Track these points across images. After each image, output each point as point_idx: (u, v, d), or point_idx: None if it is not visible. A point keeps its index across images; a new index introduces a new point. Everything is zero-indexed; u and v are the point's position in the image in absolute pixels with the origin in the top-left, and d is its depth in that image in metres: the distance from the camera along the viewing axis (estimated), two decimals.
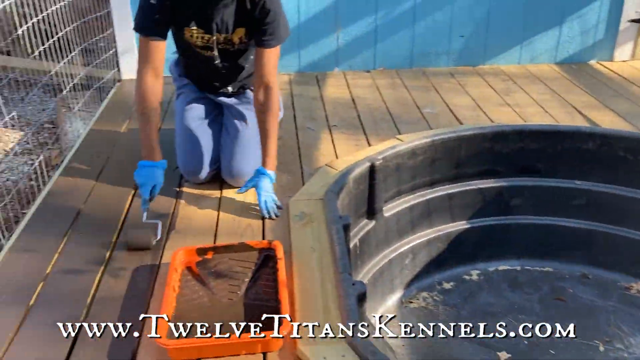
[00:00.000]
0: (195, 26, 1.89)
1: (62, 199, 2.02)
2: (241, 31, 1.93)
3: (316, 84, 3.18)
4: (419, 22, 3.26)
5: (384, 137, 2.49)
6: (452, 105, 2.85)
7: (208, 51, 1.97)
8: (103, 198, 2.03)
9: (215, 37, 1.92)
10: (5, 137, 3.24)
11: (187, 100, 2.14)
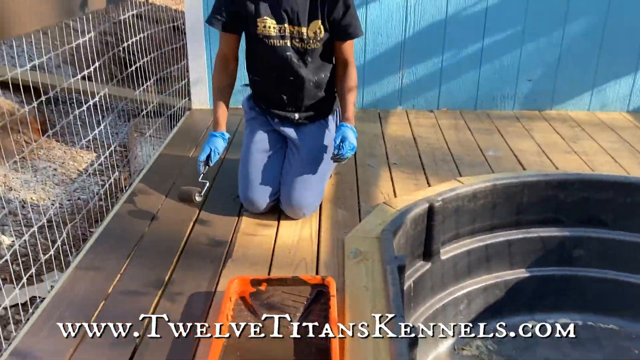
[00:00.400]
0: (267, 16, 1.99)
1: (128, 221, 2.11)
2: (316, 25, 2.01)
3: (378, 121, 3.21)
4: (486, 65, 3.25)
5: (444, 178, 2.47)
6: (516, 149, 2.80)
7: (281, 40, 2.03)
8: (166, 223, 2.10)
9: (287, 26, 2.01)
10: (79, 157, 3.42)
11: (253, 132, 2.20)
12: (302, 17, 2.00)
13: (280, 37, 2.03)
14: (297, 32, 2.02)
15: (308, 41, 2.03)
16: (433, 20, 3.16)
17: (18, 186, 2.94)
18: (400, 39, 3.21)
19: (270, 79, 2.14)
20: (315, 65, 2.10)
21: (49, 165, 3.23)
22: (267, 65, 2.11)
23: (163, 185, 2.39)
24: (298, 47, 2.05)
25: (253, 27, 2.03)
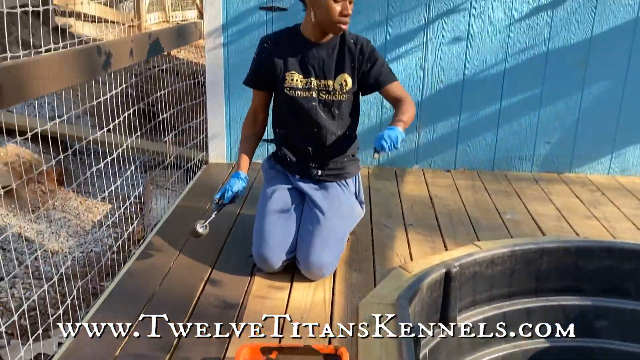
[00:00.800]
0: (294, 70, 2.10)
1: (140, 278, 2.08)
2: (342, 77, 2.10)
3: (394, 180, 3.19)
4: (503, 126, 3.24)
5: (462, 241, 2.43)
6: (535, 213, 2.76)
7: (307, 92, 2.11)
8: (178, 281, 2.07)
9: (314, 79, 2.10)
10: (95, 208, 3.43)
11: (271, 190, 2.20)
12: (328, 70, 2.09)
13: (307, 89, 2.11)
14: (323, 85, 2.11)
15: (334, 93, 2.11)
16: (450, 81, 3.18)
17: (32, 237, 2.94)
18: (417, 99, 3.22)
19: (295, 131, 2.19)
20: (342, 119, 2.16)
21: (64, 216, 3.24)
22: (293, 117, 2.17)
23: (177, 241, 2.37)
24: (325, 99, 2.12)
25: (281, 81, 2.12)
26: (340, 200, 2.17)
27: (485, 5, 3.05)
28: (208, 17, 3.12)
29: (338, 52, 2.10)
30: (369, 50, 2.11)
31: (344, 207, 2.17)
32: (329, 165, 2.20)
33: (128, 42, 2.05)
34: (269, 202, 2.17)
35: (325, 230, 2.07)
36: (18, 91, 1.38)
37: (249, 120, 2.28)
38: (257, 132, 2.28)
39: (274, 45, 2.13)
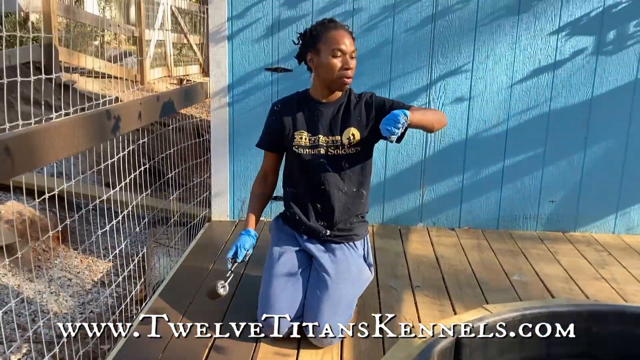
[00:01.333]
0: (303, 129, 2.14)
1: (141, 345, 2.02)
2: (349, 131, 2.12)
3: (399, 238, 3.16)
4: (507, 184, 3.24)
5: (470, 304, 2.38)
6: (543, 274, 2.72)
7: (315, 149, 2.13)
8: (181, 348, 2.01)
9: (322, 136, 2.13)
10: (95, 267, 3.38)
11: (278, 252, 2.17)
12: (335, 126, 2.13)
13: (315, 147, 2.14)
14: (332, 141, 2.13)
15: (343, 147, 2.13)
16: (454, 140, 3.20)
17: (31, 296, 2.89)
18: (420, 158, 3.24)
19: (304, 189, 2.20)
20: (352, 174, 2.16)
21: (64, 275, 3.19)
22: (302, 174, 2.18)
23: (180, 303, 2.33)
24: (334, 154, 2.14)
25: (290, 140, 2.15)
26: (348, 264, 2.14)
27: (486, 66, 3.10)
28: (214, 77, 3.16)
29: (344, 109, 2.15)
30: (373, 98, 2.15)
31: (352, 271, 2.13)
32: (338, 225, 2.18)
33: (136, 105, 2.07)
34: (275, 264, 2.14)
35: (334, 296, 2.03)
36: (29, 159, 1.38)
37: (259, 180, 2.31)
38: (266, 192, 2.30)
39: (283, 108, 2.19)
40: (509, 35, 3.06)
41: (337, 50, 2.01)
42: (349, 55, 2.03)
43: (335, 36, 2.03)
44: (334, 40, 2.02)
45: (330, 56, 2.02)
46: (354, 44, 2.08)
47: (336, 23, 2.09)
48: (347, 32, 2.06)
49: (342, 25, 2.10)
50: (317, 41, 2.06)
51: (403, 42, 3.09)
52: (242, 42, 3.13)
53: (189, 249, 2.96)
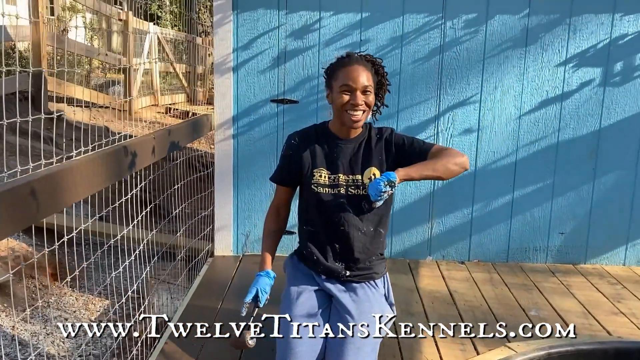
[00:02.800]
0: (322, 167, 2.05)
1: None
2: (370, 171, 2.03)
3: (409, 272, 3.09)
4: (516, 217, 3.20)
5: (491, 342, 2.31)
6: (559, 309, 2.66)
7: (335, 188, 2.04)
8: None
9: (342, 175, 2.04)
10: (91, 305, 3.24)
11: (296, 291, 2.05)
12: (356, 165, 2.05)
13: (334, 186, 2.05)
14: (352, 180, 2.05)
15: (364, 187, 2.04)
16: (462, 172, 3.15)
17: (26, 339, 2.74)
18: (429, 190, 3.19)
19: (322, 228, 2.09)
20: (371, 215, 2.06)
21: (60, 314, 3.04)
22: (320, 214, 2.08)
23: (191, 347, 2.21)
24: (354, 194, 2.04)
25: (309, 178, 2.07)
26: (371, 304, 2.04)
27: (495, 98, 3.09)
28: (219, 109, 3.09)
29: (365, 147, 2.06)
30: (392, 136, 2.08)
31: (375, 311, 2.04)
32: (358, 265, 2.09)
33: (150, 140, 1.98)
34: (294, 306, 2.03)
35: (357, 339, 1.93)
36: (53, 201, 1.28)
37: (272, 216, 2.19)
38: (281, 227, 2.20)
39: (302, 141, 2.10)
40: (517, 66, 3.05)
41: (344, 86, 1.95)
42: (359, 90, 1.95)
43: (345, 72, 1.97)
44: (343, 76, 1.97)
45: (339, 92, 1.97)
46: (374, 78, 2.01)
47: (351, 58, 2.01)
48: (361, 66, 1.98)
49: (359, 58, 2.01)
50: (330, 78, 2.03)
51: (411, 73, 3.07)
52: (247, 73, 3.07)
53: (194, 286, 2.85)
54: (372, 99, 1.99)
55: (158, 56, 8.79)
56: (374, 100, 2.01)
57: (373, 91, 2.00)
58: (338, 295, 2.05)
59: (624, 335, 2.41)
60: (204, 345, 2.24)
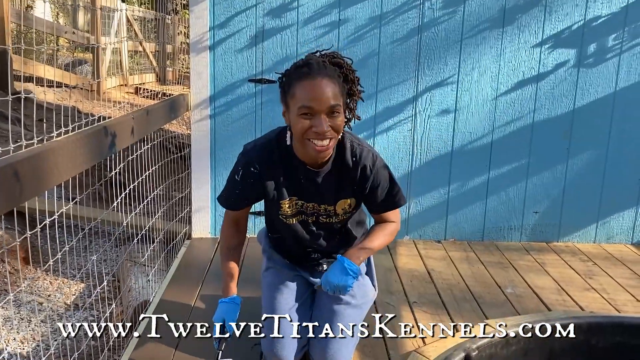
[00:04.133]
0: (290, 197, 1.82)
1: None
2: (345, 202, 1.83)
3: (387, 252, 3.11)
4: (492, 196, 3.25)
5: (469, 319, 2.35)
6: (535, 286, 2.73)
7: (303, 216, 1.85)
8: None
9: (311, 204, 1.83)
10: (66, 288, 3.19)
11: (276, 280, 2.00)
12: (328, 197, 1.82)
13: (303, 213, 1.86)
14: (324, 209, 1.84)
15: (337, 216, 1.86)
16: (439, 152, 3.18)
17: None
18: (407, 170, 3.21)
19: (292, 242, 1.97)
20: (348, 230, 1.97)
21: (34, 299, 2.99)
22: (289, 234, 1.95)
23: (172, 331, 2.19)
24: (326, 222, 1.88)
25: (275, 206, 1.86)
26: (354, 288, 2.03)
27: (472, 78, 3.11)
28: (195, 89, 3.04)
29: (336, 176, 1.77)
30: (374, 174, 1.78)
31: (357, 294, 2.02)
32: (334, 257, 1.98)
33: (129, 120, 1.94)
34: (277, 293, 1.97)
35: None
36: (37, 183, 1.25)
37: (229, 230, 1.93)
38: (241, 241, 1.97)
39: (263, 169, 1.78)
40: (494, 47, 3.07)
41: (304, 107, 1.55)
42: (324, 113, 1.55)
43: (304, 89, 1.55)
44: (302, 95, 1.55)
45: (297, 116, 1.57)
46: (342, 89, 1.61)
47: (311, 68, 1.57)
48: (325, 80, 1.55)
49: (321, 67, 1.58)
50: (286, 93, 1.63)
51: (389, 54, 3.06)
52: (224, 52, 3.02)
53: (172, 269, 2.82)
54: (342, 119, 1.61)
55: (127, 34, 8.59)
56: (343, 120, 1.63)
57: (342, 108, 1.61)
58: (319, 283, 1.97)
59: (596, 310, 2.49)
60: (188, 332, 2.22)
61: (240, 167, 1.79)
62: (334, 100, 1.55)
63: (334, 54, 1.67)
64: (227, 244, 1.93)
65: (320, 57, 1.64)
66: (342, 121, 1.62)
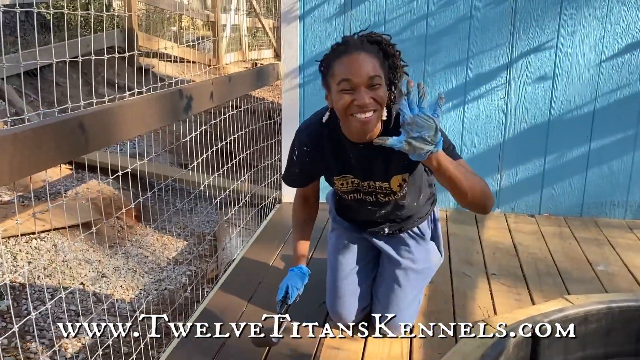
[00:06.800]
0: (344, 174, 1.81)
1: (212, 321, 2.03)
2: (398, 179, 1.77)
3: (474, 224, 3.04)
4: (593, 169, 3.04)
5: (550, 294, 2.26)
6: (632, 265, 2.54)
7: (361, 194, 1.85)
8: (249, 329, 2.01)
9: (367, 182, 1.80)
10: (170, 245, 3.47)
11: (340, 241, 2.05)
12: (380, 174, 1.77)
13: (360, 191, 1.84)
14: (379, 187, 1.81)
15: (395, 193, 1.81)
16: (535, 122, 3.03)
17: (110, 273, 3.00)
18: (499, 140, 3.09)
19: (357, 214, 1.99)
20: (412, 201, 1.91)
21: (141, 252, 3.29)
22: (347, 203, 1.96)
23: (250, 282, 2.34)
24: (384, 200, 1.85)
25: (332, 184, 1.89)
26: (416, 253, 2.00)
27: (573, 43, 2.90)
28: (285, 59, 3.14)
29: (386, 151, 1.60)
30: None
31: (421, 260, 2.02)
32: (397, 223, 1.99)
33: (208, 85, 2.07)
34: (340, 255, 2.03)
35: (403, 286, 1.95)
36: (103, 136, 1.40)
37: (299, 205, 2.00)
38: (311, 216, 2.01)
39: (313, 149, 1.80)
40: (599, 8, 2.84)
41: (343, 82, 1.52)
42: (364, 85, 1.52)
43: (342, 65, 1.53)
44: (340, 70, 1.53)
45: (338, 92, 1.54)
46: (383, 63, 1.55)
47: (347, 45, 1.56)
48: (362, 54, 1.53)
49: (358, 44, 1.55)
50: (326, 75, 1.61)
51: (482, 18, 2.94)
52: (313, 21, 3.08)
53: (259, 229, 2.98)
54: (384, 91, 1.57)
55: (246, 11, 8.94)
56: (386, 92, 1.58)
57: (384, 81, 1.56)
58: (382, 246, 2.02)
59: None
60: (259, 284, 2.35)
61: (295, 147, 1.84)
62: (373, 72, 1.52)
63: (371, 33, 1.62)
64: (297, 218, 2.01)
65: (358, 38, 1.61)
66: (385, 93, 1.57)
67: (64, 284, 2.76)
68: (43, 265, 2.83)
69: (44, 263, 2.84)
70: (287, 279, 1.86)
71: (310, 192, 1.98)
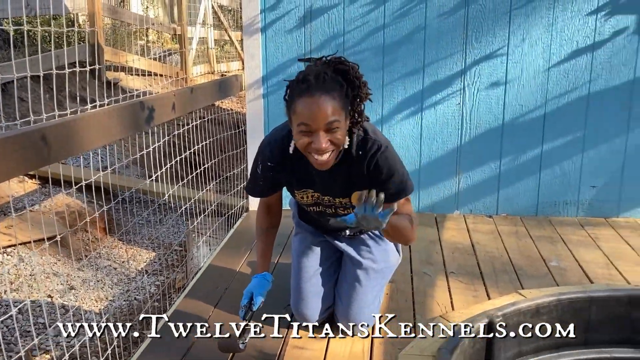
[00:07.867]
0: (305, 188, 1.89)
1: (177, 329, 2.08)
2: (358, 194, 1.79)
3: (435, 226, 3.15)
4: (546, 170, 3.18)
5: (505, 290, 2.36)
6: (582, 260, 2.67)
7: (321, 207, 1.94)
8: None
9: (327, 197, 1.88)
10: (139, 256, 3.50)
11: (303, 245, 2.14)
12: (341, 193, 1.84)
13: (320, 204, 1.93)
14: (339, 202, 1.89)
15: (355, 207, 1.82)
16: (490, 126, 3.16)
17: (78, 285, 3.02)
18: (456, 145, 3.21)
19: (313, 218, 2.08)
20: None
21: (110, 264, 3.31)
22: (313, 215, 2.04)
23: (216, 289, 2.39)
24: (344, 214, 1.89)
25: (293, 194, 1.97)
26: (375, 252, 2.10)
27: (522, 50, 3.05)
28: (248, 70, 3.22)
29: (346, 170, 1.76)
30: (385, 169, 1.75)
31: (381, 259, 2.11)
32: None
33: (170, 96, 2.13)
34: (303, 257, 2.12)
35: (364, 285, 2.04)
36: (65, 147, 1.45)
37: (262, 213, 2.05)
38: (273, 224, 2.06)
39: (277, 164, 1.85)
40: (545, 17, 2.99)
41: (302, 125, 1.57)
42: (322, 130, 1.55)
43: (302, 107, 1.55)
44: (300, 111, 1.56)
45: (297, 132, 1.60)
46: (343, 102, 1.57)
47: (309, 84, 1.55)
48: (322, 96, 1.54)
49: (319, 83, 1.54)
50: (289, 108, 1.62)
51: (436, 28, 3.07)
52: (275, 33, 3.17)
53: (226, 237, 3.03)
54: (342, 133, 1.61)
55: (213, 24, 8.99)
56: (344, 134, 1.63)
57: (343, 121, 1.60)
58: (344, 248, 2.10)
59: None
60: (225, 290, 2.41)
61: (259, 161, 1.89)
62: (332, 116, 1.55)
63: (339, 60, 1.62)
64: (261, 226, 2.06)
65: (324, 65, 1.61)
66: (343, 135, 1.62)
67: (32, 297, 2.77)
68: (9, 280, 2.83)
69: (11, 277, 2.85)
70: (251, 286, 1.93)
71: (274, 201, 2.04)
